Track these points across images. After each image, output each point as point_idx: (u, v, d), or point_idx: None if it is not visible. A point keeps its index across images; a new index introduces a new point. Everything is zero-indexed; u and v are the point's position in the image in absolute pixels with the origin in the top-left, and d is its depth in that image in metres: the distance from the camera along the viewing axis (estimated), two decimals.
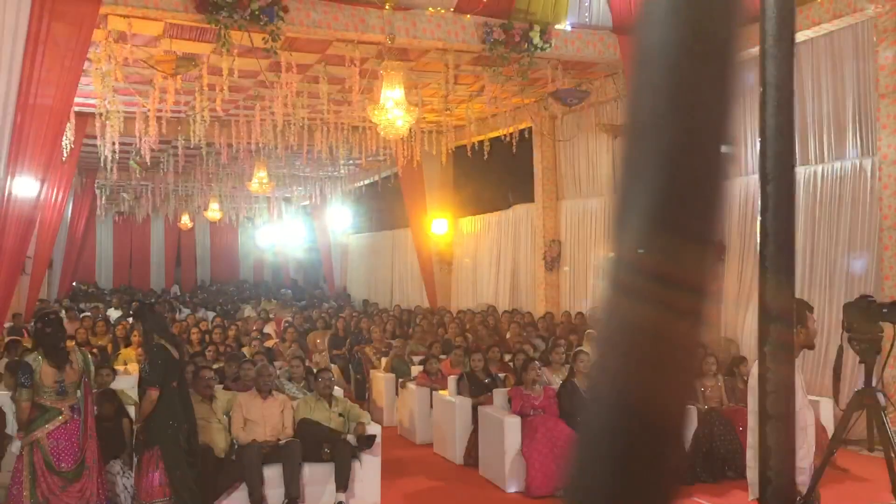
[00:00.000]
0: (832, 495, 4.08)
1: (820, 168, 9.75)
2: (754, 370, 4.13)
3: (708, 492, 7.53)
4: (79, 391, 6.06)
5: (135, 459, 6.45)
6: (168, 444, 6.19)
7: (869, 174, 9.08)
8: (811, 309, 4.20)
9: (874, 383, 3.70)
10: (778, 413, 0.85)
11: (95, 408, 6.44)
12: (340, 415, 7.53)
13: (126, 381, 8.73)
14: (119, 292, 25.88)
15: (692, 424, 8.19)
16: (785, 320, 0.87)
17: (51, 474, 5.83)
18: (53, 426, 5.87)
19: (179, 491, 6.17)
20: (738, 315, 10.91)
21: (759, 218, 0.88)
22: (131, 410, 7.03)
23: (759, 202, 0.92)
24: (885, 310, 3.60)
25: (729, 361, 9.09)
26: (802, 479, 3.93)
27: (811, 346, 4.17)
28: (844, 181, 9.41)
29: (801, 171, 10.01)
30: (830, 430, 8.04)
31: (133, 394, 7.92)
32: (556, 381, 8.70)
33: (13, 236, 7.71)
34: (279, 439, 7.15)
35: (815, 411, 6.85)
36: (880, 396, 3.70)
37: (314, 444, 7.11)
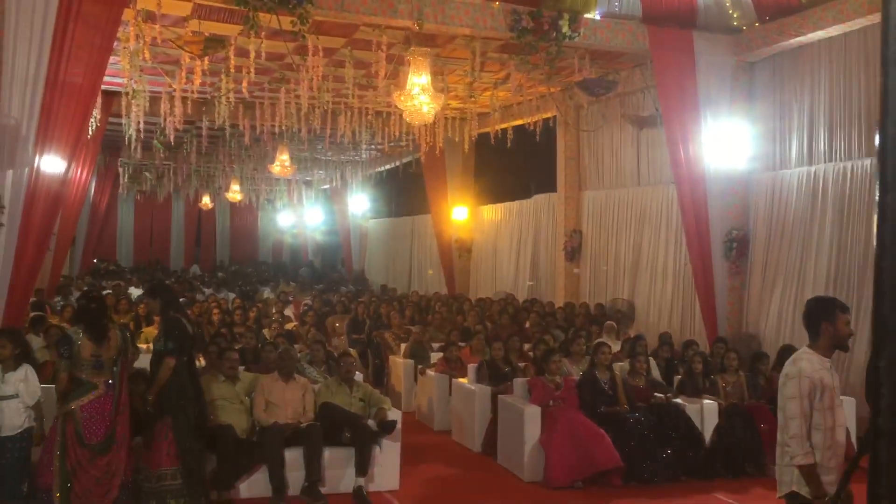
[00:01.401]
0: (857, 495, 4.04)
1: (849, 164, 9.63)
2: (788, 368, 4.09)
3: (727, 488, 7.51)
4: (115, 367, 6.15)
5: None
6: (179, 415, 6.31)
7: None
8: (845, 309, 4.13)
9: None
10: (891, 430, 0.82)
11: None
12: (361, 400, 7.56)
13: (149, 359, 8.78)
14: (140, 270, 26.07)
15: (713, 419, 8.17)
16: None
17: (80, 446, 5.93)
18: (87, 399, 5.98)
19: (187, 461, 6.27)
20: (760, 310, 10.83)
21: (876, 230, 0.85)
22: None
23: (878, 213, 0.89)
24: None
25: (751, 357, 9.04)
26: (829, 479, 3.90)
27: (844, 347, 4.11)
28: (874, 178, 9.28)
29: (829, 168, 9.91)
30: (852, 429, 8.02)
31: None
32: (577, 372, 8.69)
33: (41, 213, 7.76)
34: (300, 422, 7.18)
35: None
36: None
37: (335, 428, 7.15)
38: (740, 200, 10.97)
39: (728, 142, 10.46)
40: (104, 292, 15.88)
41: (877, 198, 0.96)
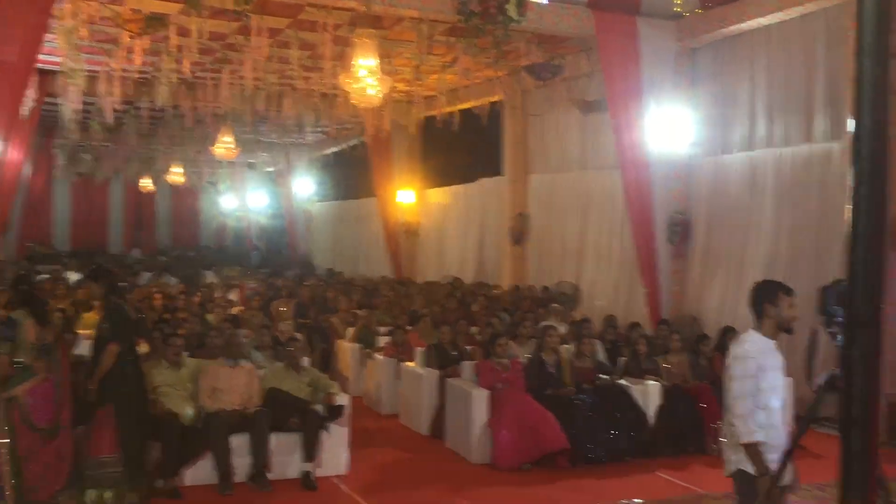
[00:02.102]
0: (804, 474, 4.17)
1: (789, 150, 9.86)
2: (734, 349, 4.18)
3: (670, 466, 7.67)
4: (56, 351, 6.02)
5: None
6: (121, 402, 6.21)
7: (836, 158, 9.21)
8: (789, 292, 4.22)
9: None
10: (862, 419, 0.84)
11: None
12: (309, 385, 7.50)
13: (88, 346, 8.59)
14: (78, 255, 25.43)
15: (656, 400, 8.33)
16: (873, 326, 0.85)
17: (31, 431, 5.78)
18: (31, 384, 5.83)
19: (128, 449, 6.18)
20: (702, 293, 11.05)
21: (850, 221, 0.86)
22: None
23: (851, 205, 0.90)
24: None
25: (693, 339, 9.22)
26: (774, 457, 4.00)
27: (788, 329, 4.20)
28: (812, 164, 9.53)
29: (769, 153, 10.13)
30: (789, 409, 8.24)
31: None
32: (523, 354, 8.76)
33: None
34: (247, 409, 7.10)
35: None
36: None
37: (282, 413, 7.08)
38: (683, 185, 11.16)
39: (671, 127, 10.61)
40: (41, 277, 15.48)
41: (850, 189, 0.98)
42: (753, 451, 4.00)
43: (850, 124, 6.21)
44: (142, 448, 6.37)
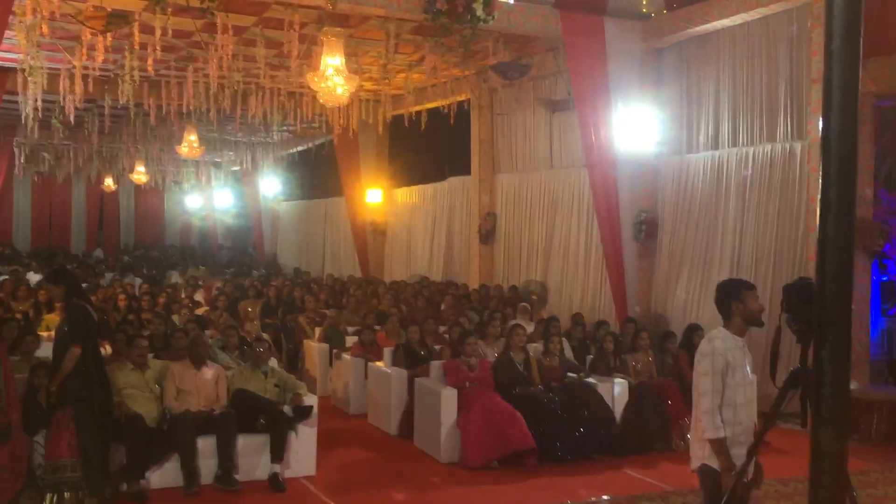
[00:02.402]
0: (767, 469, 4.23)
1: (751, 150, 10.00)
2: (702, 346, 4.22)
3: (637, 463, 7.73)
4: None
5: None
6: (81, 405, 6.11)
7: (799, 157, 9.35)
8: (750, 287, 4.29)
9: (809, 363, 3.82)
10: (834, 417, 0.84)
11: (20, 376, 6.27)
12: (276, 385, 7.45)
13: (51, 347, 8.44)
14: (39, 255, 24.98)
15: (623, 398, 8.39)
16: (843, 325, 0.86)
17: None
18: None
19: (88, 453, 6.07)
20: (668, 291, 11.16)
21: (818, 222, 0.87)
22: None
23: (820, 206, 0.91)
24: None
25: (659, 337, 9.31)
26: (739, 453, 4.05)
27: (757, 323, 4.26)
28: (775, 163, 9.67)
29: (732, 153, 10.26)
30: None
31: None
32: (492, 353, 8.78)
33: None
34: (213, 410, 7.04)
35: None
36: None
37: (249, 414, 7.03)
38: (649, 184, 11.26)
39: (637, 126, 10.70)
40: (0, 278, 15.19)
41: (819, 191, 0.99)
42: (718, 446, 4.05)
43: (814, 124, 6.29)
44: (104, 451, 6.26)
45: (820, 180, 0.95)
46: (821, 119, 1.12)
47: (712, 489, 4.11)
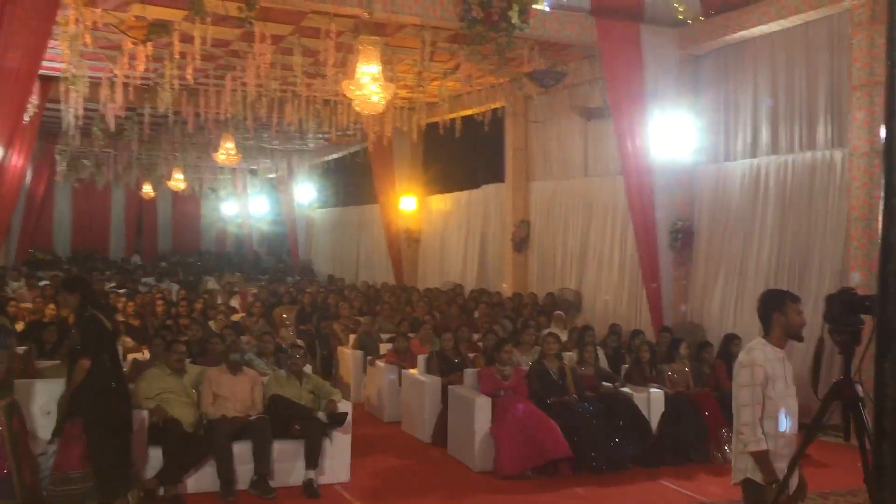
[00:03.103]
0: (813, 482, 4.16)
1: (791, 158, 9.86)
2: (742, 357, 4.16)
3: (673, 475, 7.65)
4: None
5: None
6: (92, 416, 5.97)
7: (839, 165, 9.20)
8: (795, 299, 4.21)
9: (852, 374, 3.76)
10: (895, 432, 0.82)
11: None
12: (311, 392, 7.49)
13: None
14: (78, 260, 25.41)
15: (659, 408, 8.31)
16: None
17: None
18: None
19: (99, 465, 5.93)
20: (704, 299, 11.04)
21: (881, 234, 0.85)
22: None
23: (883, 217, 0.89)
24: (867, 302, 3.64)
25: (695, 346, 9.20)
26: (782, 466, 3.99)
27: (797, 337, 4.19)
28: (815, 172, 9.52)
29: (771, 161, 10.12)
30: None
31: None
32: (526, 362, 8.74)
33: None
34: (249, 415, 7.09)
35: None
36: (858, 388, 3.76)
37: (284, 420, 7.06)
38: (686, 192, 11.16)
39: (674, 134, 10.61)
40: (42, 283, 15.46)
41: (882, 201, 0.97)
42: (761, 459, 3.98)
43: (855, 132, 6.18)
44: (123, 460, 6.13)
45: (882, 190, 0.93)
46: (883, 127, 1.10)
47: (755, 503, 4.05)
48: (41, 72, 10.71)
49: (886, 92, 1.05)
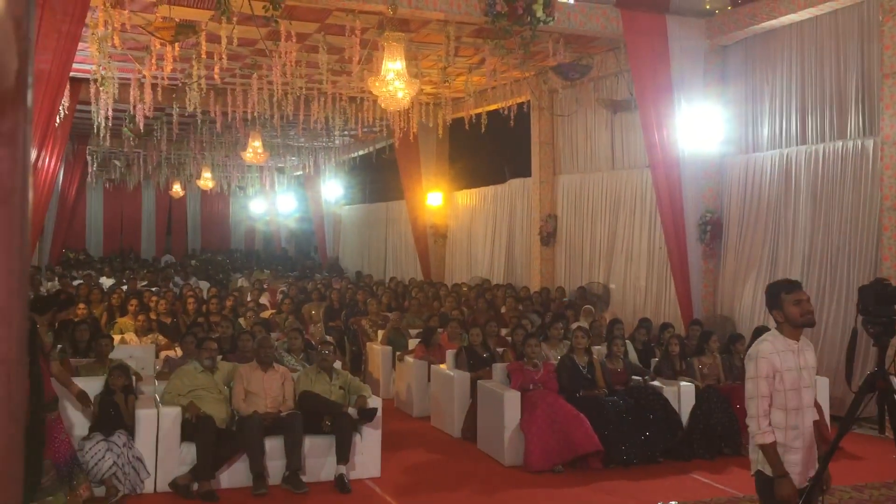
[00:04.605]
0: (833, 472, 4.10)
1: (822, 147, 9.73)
2: (750, 351, 4.10)
3: (705, 468, 7.60)
4: None
5: None
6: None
7: (871, 154, 9.07)
8: (790, 289, 4.04)
9: (887, 366, 3.71)
10: None
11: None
12: (341, 387, 7.53)
13: (124, 350, 8.71)
14: (111, 259, 25.75)
15: (690, 401, 8.25)
16: None
17: None
18: None
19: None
20: (734, 292, 10.94)
21: None
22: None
23: None
24: None
25: (726, 339, 9.13)
26: (794, 459, 3.94)
27: (807, 324, 4.06)
28: (846, 161, 9.40)
29: (802, 150, 10.01)
30: (825, 408, 8.15)
31: (133, 364, 7.92)
32: (554, 356, 8.72)
33: None
34: (280, 411, 7.15)
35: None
36: (893, 380, 3.71)
37: (315, 416, 7.12)
38: (714, 184, 11.06)
39: (702, 125, 10.52)
40: (75, 282, 15.68)
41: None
42: (768, 451, 3.94)
43: (887, 120, 6.08)
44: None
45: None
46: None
47: (767, 496, 4.01)
48: (71, 74, 10.88)
49: None
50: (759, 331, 8.74)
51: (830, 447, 3.87)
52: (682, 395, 8.26)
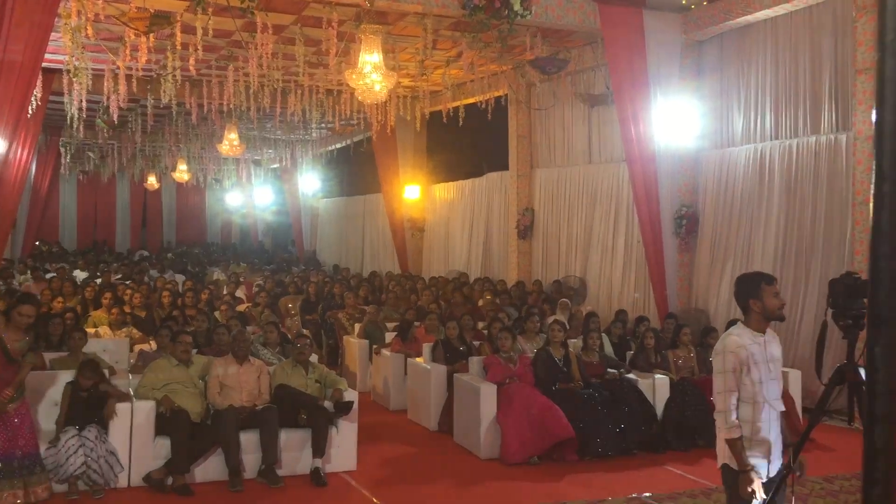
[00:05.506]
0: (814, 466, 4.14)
1: (795, 142, 9.83)
2: (717, 345, 4.14)
3: (679, 460, 7.67)
4: None
5: None
6: None
7: (844, 149, 9.17)
8: (770, 281, 4.14)
9: (856, 359, 3.75)
10: (887, 415, 0.84)
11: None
12: (317, 381, 7.52)
13: (97, 344, 8.63)
14: (85, 252, 25.48)
15: (664, 394, 8.32)
16: None
17: None
18: None
19: None
20: (709, 286, 11.03)
21: (871, 219, 0.86)
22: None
23: (873, 202, 0.90)
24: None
25: (700, 332, 9.21)
26: (761, 451, 3.99)
27: (777, 318, 4.14)
28: (820, 156, 9.49)
29: (776, 145, 10.10)
30: (797, 400, 8.25)
31: (107, 357, 7.85)
32: (531, 349, 8.76)
33: None
34: (256, 405, 7.12)
35: (784, 383, 6.98)
36: (862, 372, 3.75)
37: (291, 409, 7.10)
38: (689, 178, 11.14)
39: (677, 120, 10.58)
40: (48, 276, 15.52)
41: (872, 187, 0.98)
42: (734, 446, 3.98)
43: (860, 116, 6.15)
44: None
45: (873, 175, 0.94)
46: (874, 112, 1.10)
47: (732, 489, 4.06)
48: (44, 64, 10.73)
49: (877, 78, 1.05)
50: (733, 324, 8.84)
51: (801, 438, 3.91)
52: (657, 387, 8.33)
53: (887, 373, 0.89)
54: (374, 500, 6.62)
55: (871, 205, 0.93)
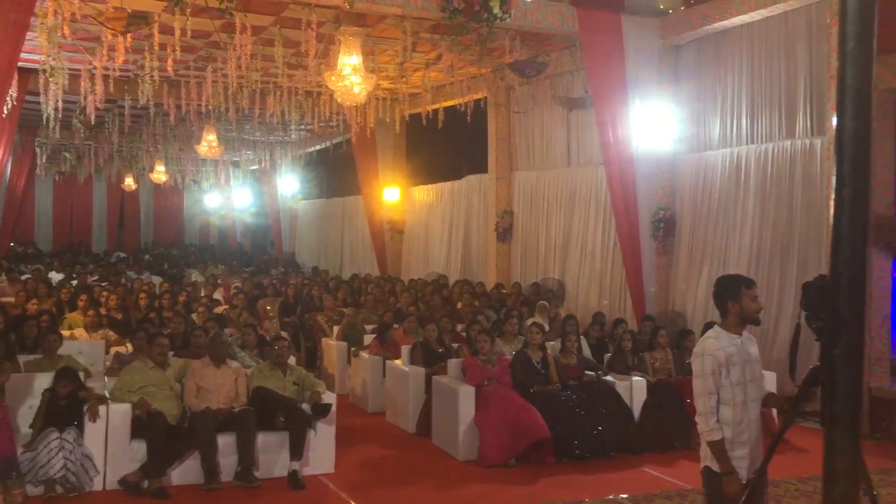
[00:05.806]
0: (778, 464, 4.19)
1: (771, 146, 9.93)
2: (696, 348, 4.18)
3: (656, 461, 7.72)
4: None
5: None
6: None
7: (819, 154, 9.28)
8: (750, 284, 4.20)
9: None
10: (847, 416, 0.85)
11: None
12: (295, 383, 7.50)
13: (73, 346, 8.54)
14: (60, 254, 25.23)
15: (641, 396, 8.37)
16: (855, 325, 0.87)
17: None
18: None
19: None
20: (687, 288, 11.11)
21: (832, 222, 0.87)
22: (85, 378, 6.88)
23: (833, 207, 0.92)
24: None
25: (677, 334, 9.28)
26: (742, 453, 4.02)
27: (753, 321, 4.19)
28: (795, 160, 9.60)
29: (752, 149, 10.20)
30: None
31: (81, 360, 7.78)
32: (509, 352, 8.78)
33: None
34: (233, 407, 7.09)
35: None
36: None
37: (269, 412, 7.08)
38: (667, 181, 11.22)
39: (655, 124, 10.66)
40: (23, 277, 15.36)
41: (832, 192, 1.00)
42: (716, 449, 4.01)
43: (834, 121, 6.22)
44: None
45: (833, 181, 0.96)
46: (834, 119, 1.13)
47: (713, 492, 4.09)
48: (20, 64, 10.62)
49: (837, 85, 1.07)
50: (710, 326, 8.91)
51: (775, 438, 3.95)
52: (634, 389, 8.38)
53: (847, 374, 0.91)
54: (352, 503, 6.61)
55: (832, 210, 0.95)
